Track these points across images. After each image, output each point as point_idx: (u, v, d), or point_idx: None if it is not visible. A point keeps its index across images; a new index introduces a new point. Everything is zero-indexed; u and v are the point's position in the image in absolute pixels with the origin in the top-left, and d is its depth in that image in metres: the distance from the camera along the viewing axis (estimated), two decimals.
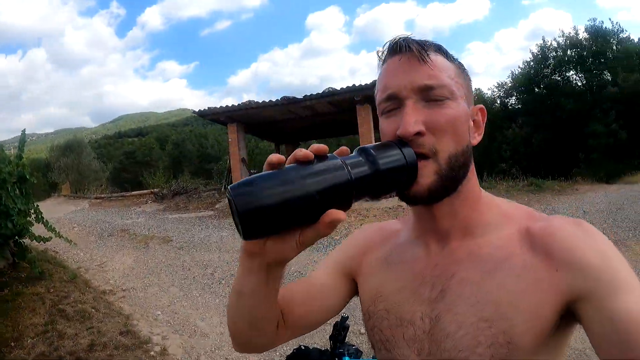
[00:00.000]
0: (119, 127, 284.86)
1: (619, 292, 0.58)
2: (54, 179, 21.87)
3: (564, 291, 0.62)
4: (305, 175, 0.53)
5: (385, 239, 0.88)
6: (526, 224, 0.72)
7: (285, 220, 0.53)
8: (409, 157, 0.65)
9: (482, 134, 0.79)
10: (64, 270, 6.10)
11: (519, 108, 29.58)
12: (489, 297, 0.66)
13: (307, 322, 0.88)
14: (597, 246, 0.64)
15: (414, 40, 0.72)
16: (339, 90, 11.58)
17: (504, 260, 0.68)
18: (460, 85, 0.72)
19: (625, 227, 8.51)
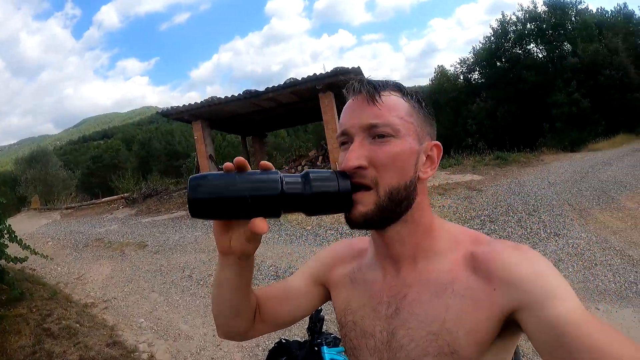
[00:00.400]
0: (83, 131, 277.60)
1: (553, 300, 0.66)
2: (22, 193, 21.43)
3: (501, 307, 0.72)
4: (246, 181, 0.69)
5: (353, 257, 1.00)
6: (471, 249, 0.81)
7: (221, 212, 0.71)
8: (343, 187, 0.75)
9: (436, 168, 0.86)
10: (43, 287, 6.11)
11: (482, 82, 29.95)
12: (436, 315, 0.77)
13: (280, 318, 1.03)
14: (531, 264, 0.72)
15: (370, 82, 0.82)
16: (300, 80, 11.62)
17: (449, 283, 0.79)
18: (409, 123, 0.80)
19: (590, 195, 8.74)
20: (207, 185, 0.69)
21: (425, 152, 0.83)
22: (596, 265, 5.54)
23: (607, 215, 7.48)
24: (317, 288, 1.04)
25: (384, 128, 0.78)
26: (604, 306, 4.50)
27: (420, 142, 0.82)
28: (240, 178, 0.70)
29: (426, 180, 0.84)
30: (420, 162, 0.82)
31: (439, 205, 8.83)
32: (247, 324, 0.96)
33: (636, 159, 12.60)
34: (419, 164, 0.82)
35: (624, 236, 6.44)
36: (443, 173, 12.44)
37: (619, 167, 11.57)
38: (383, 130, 0.78)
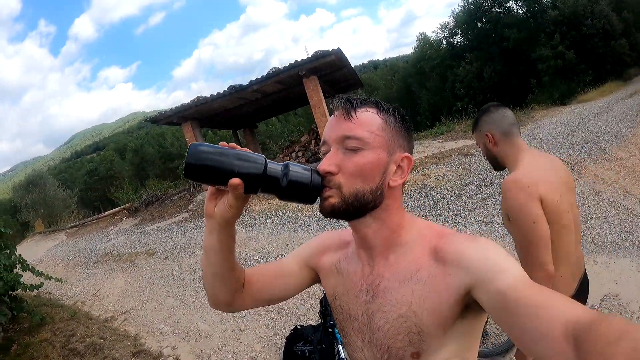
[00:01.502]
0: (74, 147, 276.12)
1: (497, 275, 0.77)
2: (24, 219, 21.46)
3: (457, 289, 0.84)
4: (236, 156, 0.84)
5: (339, 247, 1.14)
6: (435, 241, 0.93)
7: (210, 178, 0.84)
8: (315, 180, 0.90)
9: (405, 178, 0.97)
10: (62, 309, 6.20)
11: (465, 45, 29.70)
12: (404, 300, 0.91)
13: (270, 295, 1.16)
14: (479, 249, 0.85)
15: (348, 100, 0.94)
16: (282, 68, 11.64)
17: (414, 271, 0.92)
18: (380, 137, 0.92)
19: (581, 149, 8.78)
20: (204, 153, 0.82)
21: (396, 162, 0.95)
22: (592, 219, 5.66)
23: (599, 167, 7.56)
24: (307, 271, 1.17)
25: (354, 140, 0.91)
26: (602, 258, 4.61)
27: (390, 153, 0.93)
28: (233, 153, 0.85)
29: (397, 188, 0.96)
30: (390, 171, 0.94)
31: (434, 175, 8.93)
32: (231, 293, 1.07)
33: (625, 107, 12.62)
34: (388, 172, 0.94)
35: (617, 187, 6.54)
36: (435, 141, 12.52)
37: (609, 117, 11.62)
38: (354, 142, 0.91)
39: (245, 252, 7.32)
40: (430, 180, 8.48)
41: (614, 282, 4.12)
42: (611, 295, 3.92)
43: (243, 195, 0.86)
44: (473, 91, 26.93)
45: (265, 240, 7.76)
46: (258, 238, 8.01)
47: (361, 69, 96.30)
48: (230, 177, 0.83)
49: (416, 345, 0.89)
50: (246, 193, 0.87)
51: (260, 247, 7.45)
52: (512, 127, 1.94)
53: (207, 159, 0.82)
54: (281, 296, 1.18)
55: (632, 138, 8.90)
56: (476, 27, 28.79)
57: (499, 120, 1.95)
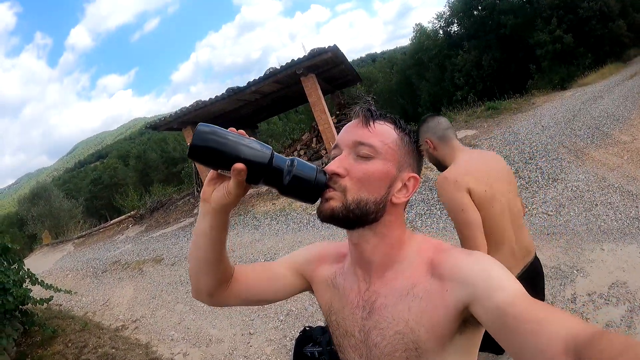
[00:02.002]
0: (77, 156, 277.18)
1: (496, 291, 0.75)
2: (31, 231, 21.58)
3: (455, 304, 0.82)
4: (244, 142, 0.83)
5: (336, 259, 1.12)
6: (432, 256, 0.92)
7: (212, 161, 0.83)
8: (319, 179, 0.88)
9: (409, 197, 0.96)
10: (73, 320, 6.23)
11: (462, 33, 29.58)
12: (401, 316, 0.89)
13: (256, 295, 1.12)
14: (476, 264, 0.83)
15: (370, 109, 0.94)
16: (279, 68, 11.63)
17: (411, 287, 0.90)
18: (393, 150, 0.92)
19: (583, 134, 8.71)
20: (211, 134, 0.81)
21: (402, 180, 0.94)
22: (597, 206, 5.64)
23: (602, 152, 7.52)
24: (299, 278, 1.15)
25: (367, 147, 0.91)
26: (608, 246, 4.59)
27: (399, 169, 0.93)
28: (240, 138, 0.83)
29: (399, 206, 0.95)
30: (395, 187, 0.93)
31: (436, 170, 8.88)
32: (215, 284, 1.04)
33: (626, 89, 12.50)
34: (393, 188, 0.93)
35: (621, 172, 6.51)
36: None
37: (610, 100, 11.51)
38: (366, 149, 0.91)
39: (252, 255, 7.34)
40: (433, 174, 8.45)
41: (622, 269, 4.11)
42: (619, 283, 3.90)
43: (244, 182, 0.85)
44: (472, 80, 26.88)
45: (270, 242, 7.78)
46: (264, 240, 8.02)
47: (359, 62, 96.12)
48: (235, 162, 0.81)
49: None
50: (248, 182, 0.85)
51: (266, 248, 7.47)
52: (446, 132, 2.18)
53: (214, 140, 0.81)
54: (268, 299, 1.15)
55: (635, 121, 8.82)
56: (472, 15, 28.68)
57: (434, 127, 2.20)
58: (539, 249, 4.66)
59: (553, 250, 4.75)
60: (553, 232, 5.29)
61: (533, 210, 6.04)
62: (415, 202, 7.57)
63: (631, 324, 3.38)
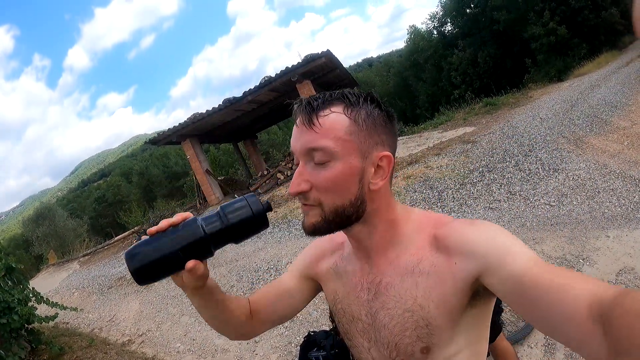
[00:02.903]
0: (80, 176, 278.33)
1: (508, 257, 0.73)
2: (37, 252, 21.64)
3: (464, 277, 0.80)
4: (172, 238, 0.79)
5: (334, 250, 1.09)
6: (434, 231, 0.88)
7: (161, 272, 0.80)
8: (256, 210, 0.83)
9: (387, 178, 0.87)
10: (80, 337, 6.22)
11: (456, 32, 29.83)
12: (408, 294, 0.87)
13: (278, 316, 1.12)
14: (483, 233, 0.80)
15: (309, 103, 0.84)
16: (274, 76, 11.66)
17: (416, 264, 0.87)
18: (349, 142, 0.82)
19: (582, 124, 8.68)
20: (140, 254, 0.78)
21: (374, 164, 0.85)
22: (599, 193, 5.60)
23: (602, 139, 7.49)
24: (308, 283, 1.13)
25: (320, 152, 0.82)
26: (614, 232, 4.52)
27: (363, 156, 0.84)
28: (166, 237, 0.79)
29: (380, 190, 0.88)
30: (368, 176, 0.85)
31: (436, 166, 8.84)
32: (239, 329, 1.06)
33: (623, 76, 12.51)
34: (366, 178, 0.85)
35: (622, 157, 6.47)
36: (436, 132, 12.46)
37: (607, 88, 11.51)
38: (320, 155, 0.82)
39: (255, 263, 7.29)
40: (433, 172, 8.42)
41: (629, 255, 4.05)
42: (627, 269, 3.85)
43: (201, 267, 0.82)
44: (469, 78, 26.99)
45: (273, 250, 7.73)
46: (267, 248, 7.98)
47: (356, 68, 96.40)
48: (181, 261, 0.79)
49: (425, 339, 0.86)
50: (204, 259, 0.83)
51: (269, 257, 7.42)
52: None
53: (145, 253, 0.78)
54: (289, 314, 1.14)
55: (633, 106, 8.81)
56: (465, 13, 28.82)
57: None
58: (543, 240, 4.62)
59: (558, 241, 4.69)
60: (557, 223, 5.23)
61: (535, 202, 5.99)
62: (416, 201, 7.52)
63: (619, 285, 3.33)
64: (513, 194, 6.47)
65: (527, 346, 3.24)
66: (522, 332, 3.33)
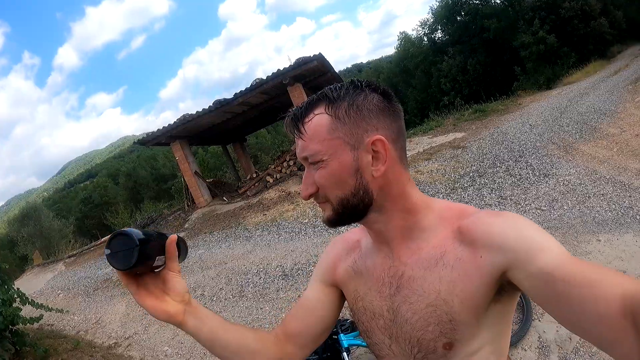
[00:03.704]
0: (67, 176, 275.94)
1: (537, 253, 0.71)
2: (22, 252, 21.38)
3: (490, 271, 0.77)
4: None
5: (350, 250, 1.07)
6: (458, 222, 0.86)
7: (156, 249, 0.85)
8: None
9: (387, 162, 0.85)
10: (65, 340, 6.10)
11: (447, 39, 30.10)
12: (432, 288, 0.84)
13: (310, 335, 1.07)
14: (510, 225, 0.78)
15: (294, 114, 0.88)
16: (265, 79, 11.62)
17: (440, 257, 0.85)
18: (334, 140, 0.83)
19: (572, 130, 8.76)
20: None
21: (368, 152, 0.84)
22: (590, 198, 5.63)
23: (591, 146, 7.56)
24: (331, 290, 1.09)
25: (313, 158, 0.86)
26: (604, 236, 4.56)
27: (354, 148, 0.84)
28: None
29: (385, 174, 0.86)
30: (365, 165, 0.85)
31: (427, 171, 8.87)
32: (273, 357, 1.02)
33: (611, 84, 12.66)
34: (363, 168, 0.85)
35: (611, 164, 6.52)
36: (426, 137, 12.48)
37: (596, 96, 11.63)
38: (313, 159, 0.86)
39: (244, 266, 7.24)
40: (423, 177, 8.43)
41: (620, 259, 4.08)
42: None
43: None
44: (459, 84, 27.19)
45: (263, 253, 7.69)
46: (256, 251, 7.93)
47: (346, 73, 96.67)
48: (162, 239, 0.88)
49: (448, 335, 0.84)
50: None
51: (258, 259, 7.38)
52: None
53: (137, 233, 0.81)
54: (324, 328, 1.08)
55: (622, 114, 8.91)
56: (455, 20, 29.08)
57: None
58: None
59: None
60: (548, 227, 5.24)
61: (526, 207, 6.01)
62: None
63: None
64: (504, 198, 6.48)
65: (522, 349, 3.23)
66: (516, 335, 3.32)
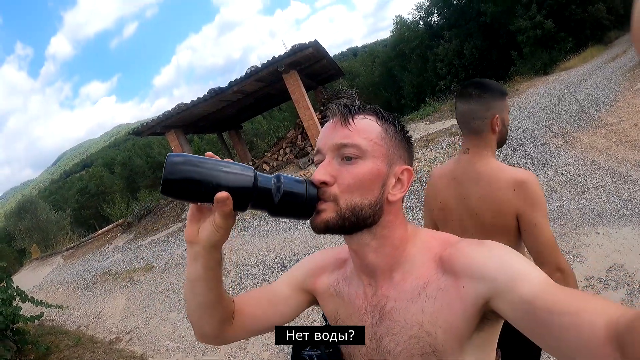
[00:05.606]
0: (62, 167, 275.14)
1: (519, 282, 0.71)
2: (20, 246, 21.37)
3: (473, 301, 0.77)
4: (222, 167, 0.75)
5: (336, 266, 1.05)
6: (440, 252, 0.86)
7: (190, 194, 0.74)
8: (310, 191, 0.81)
9: (405, 191, 0.89)
10: (66, 336, 6.13)
11: (443, 23, 29.87)
12: (414, 319, 0.83)
13: (258, 324, 1.05)
14: (492, 255, 0.78)
15: (346, 105, 0.88)
16: (260, 66, 11.50)
17: (423, 288, 0.84)
18: (379, 146, 0.85)
19: (570, 118, 8.72)
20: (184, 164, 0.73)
21: (395, 175, 0.87)
22: (589, 189, 5.64)
23: (590, 135, 7.54)
24: (303, 294, 1.08)
25: (351, 149, 0.84)
26: (603, 229, 4.58)
27: (389, 164, 0.86)
28: (217, 163, 0.75)
29: (396, 202, 0.89)
30: (389, 184, 0.87)
31: (424, 159, 8.85)
32: (219, 325, 0.98)
33: (609, 71, 12.59)
34: (387, 185, 0.86)
35: (610, 154, 6.52)
36: (423, 123, 12.43)
37: (594, 82, 11.59)
38: (351, 150, 0.84)
39: (243, 257, 7.25)
40: (421, 165, 8.42)
41: (618, 252, 4.09)
42: (616, 267, 3.88)
43: (232, 212, 0.76)
44: (455, 69, 27.05)
45: (261, 243, 7.69)
46: (254, 241, 7.93)
47: (340, 57, 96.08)
48: (217, 191, 0.73)
49: None
50: (235, 209, 0.77)
51: (256, 250, 7.38)
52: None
53: (188, 170, 0.72)
54: (275, 323, 1.06)
55: (620, 102, 8.87)
56: (452, 4, 28.87)
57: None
58: None
59: None
60: None
61: None
62: (405, 196, 7.50)
63: (632, 307, 3.35)
64: None
65: None
66: None
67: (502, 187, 1.61)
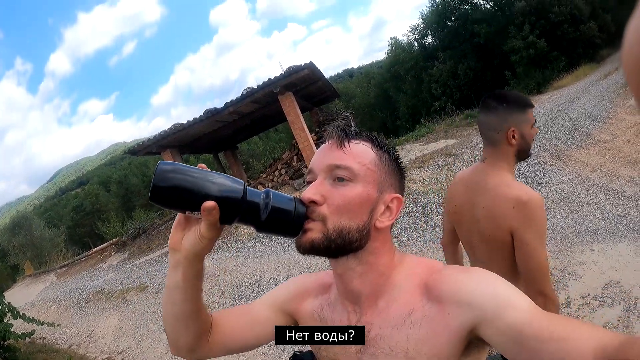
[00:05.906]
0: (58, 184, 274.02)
1: (505, 309, 0.71)
2: (13, 262, 21.19)
3: (459, 328, 0.76)
4: (212, 178, 0.74)
5: (320, 291, 1.03)
6: (425, 279, 0.85)
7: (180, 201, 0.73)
8: (299, 209, 0.81)
9: (393, 220, 0.88)
10: (58, 354, 6.07)
11: (437, 44, 30.22)
12: (399, 347, 0.82)
13: (235, 342, 1.02)
14: (478, 282, 0.78)
15: (343, 129, 0.88)
16: (256, 88, 11.54)
17: (408, 315, 0.83)
18: (371, 171, 0.85)
19: (563, 136, 8.76)
20: (173, 172, 0.72)
21: (385, 203, 0.87)
22: (583, 207, 5.64)
23: (584, 152, 7.57)
24: (283, 317, 1.05)
25: (344, 170, 0.83)
26: (598, 246, 4.57)
27: (380, 191, 0.86)
28: (208, 174, 0.75)
29: (384, 230, 0.88)
30: (378, 211, 0.86)
31: (419, 180, 8.84)
32: (195, 338, 0.95)
33: (602, 89, 12.71)
34: (376, 211, 0.86)
35: (604, 171, 6.54)
36: (417, 144, 12.45)
37: (587, 100, 11.67)
38: (343, 172, 0.83)
39: (237, 278, 7.20)
40: (416, 185, 8.42)
41: (614, 269, 4.08)
42: (612, 283, 3.87)
43: (217, 223, 0.75)
44: (449, 90, 27.32)
45: (256, 265, 7.64)
46: (248, 262, 7.88)
47: (337, 78, 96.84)
48: (204, 200, 0.72)
49: None
50: (222, 222, 0.76)
51: (251, 272, 7.33)
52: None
53: (177, 179, 0.72)
54: (253, 344, 1.05)
55: (613, 119, 8.94)
56: (446, 26, 29.25)
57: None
58: None
59: None
60: None
61: None
62: (400, 217, 7.49)
63: (628, 323, 3.35)
64: None
65: None
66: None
67: (504, 202, 1.63)
